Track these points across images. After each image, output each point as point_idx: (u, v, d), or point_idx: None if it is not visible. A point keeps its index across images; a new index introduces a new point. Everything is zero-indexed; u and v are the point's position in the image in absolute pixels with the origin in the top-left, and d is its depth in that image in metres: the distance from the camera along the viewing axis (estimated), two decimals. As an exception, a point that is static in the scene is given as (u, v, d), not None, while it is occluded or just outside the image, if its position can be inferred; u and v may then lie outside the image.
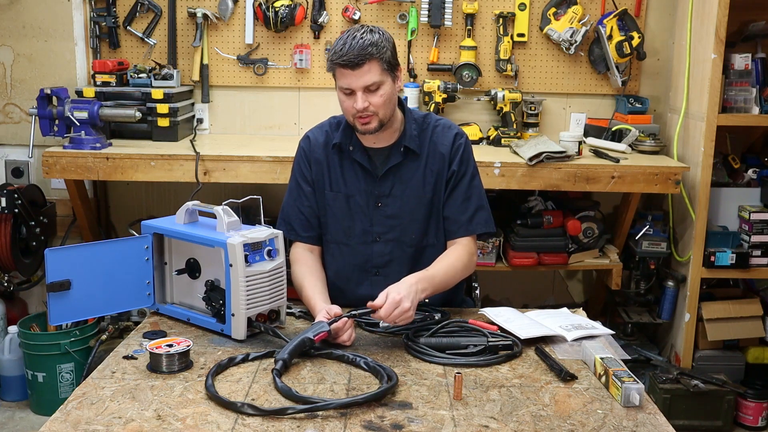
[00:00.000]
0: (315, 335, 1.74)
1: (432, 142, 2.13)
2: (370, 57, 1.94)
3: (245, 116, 3.57)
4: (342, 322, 1.82)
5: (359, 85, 1.96)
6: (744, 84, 3.14)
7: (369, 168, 2.11)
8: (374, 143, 2.12)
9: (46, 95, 3.08)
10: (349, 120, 2.06)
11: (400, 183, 2.12)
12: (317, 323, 1.80)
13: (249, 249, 1.80)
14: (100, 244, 1.94)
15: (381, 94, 1.99)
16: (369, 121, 2.01)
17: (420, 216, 2.13)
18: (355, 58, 1.93)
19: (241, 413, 1.49)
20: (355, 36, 1.95)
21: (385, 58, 1.97)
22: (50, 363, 3.17)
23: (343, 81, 1.98)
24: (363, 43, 1.94)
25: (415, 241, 2.14)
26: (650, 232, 3.32)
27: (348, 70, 1.95)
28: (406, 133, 2.11)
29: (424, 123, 2.16)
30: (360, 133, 2.06)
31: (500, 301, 3.65)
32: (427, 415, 1.50)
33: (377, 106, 1.99)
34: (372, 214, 2.13)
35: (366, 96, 1.97)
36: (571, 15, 3.36)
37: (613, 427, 1.48)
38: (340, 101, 2.04)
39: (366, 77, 1.95)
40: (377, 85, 1.98)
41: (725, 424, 3.10)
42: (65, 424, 1.45)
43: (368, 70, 1.95)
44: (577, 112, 3.56)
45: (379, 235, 2.13)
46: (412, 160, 2.12)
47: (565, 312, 2.09)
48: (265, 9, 3.36)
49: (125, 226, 3.46)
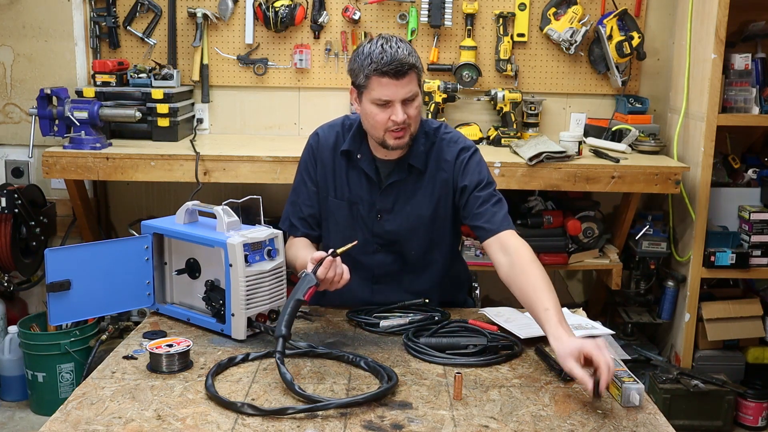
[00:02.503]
0: (304, 294, 1.70)
1: (438, 160, 2.05)
2: (413, 67, 1.89)
3: (245, 116, 3.57)
4: (328, 262, 1.75)
5: (401, 95, 1.89)
6: (744, 84, 3.14)
7: (374, 179, 2.07)
8: (385, 155, 2.04)
9: (46, 95, 3.08)
10: (377, 134, 1.95)
11: (402, 199, 2.07)
12: (302, 278, 1.74)
13: (249, 249, 1.80)
14: (100, 244, 1.94)
15: (416, 106, 1.93)
16: (402, 135, 1.93)
17: (420, 234, 2.09)
18: (402, 66, 1.85)
19: (241, 413, 1.49)
20: (391, 45, 1.87)
21: (421, 69, 1.93)
22: (50, 363, 3.17)
23: (381, 91, 1.88)
24: (404, 52, 1.87)
25: (415, 257, 2.11)
26: (650, 232, 3.32)
27: (391, 79, 1.86)
28: (413, 150, 2.03)
29: (435, 137, 2.07)
30: (390, 148, 1.97)
31: (500, 301, 3.64)
32: (427, 415, 1.50)
33: (412, 118, 1.92)
34: (373, 225, 2.10)
35: (404, 108, 1.90)
36: (571, 15, 3.36)
37: (613, 427, 1.48)
38: (371, 114, 1.92)
39: (408, 88, 1.89)
40: (414, 97, 1.91)
41: (725, 424, 3.10)
42: (65, 424, 1.45)
43: (409, 81, 1.89)
44: (577, 112, 3.56)
45: (380, 246, 2.11)
46: (416, 177, 2.06)
47: (565, 312, 2.09)
48: (265, 9, 3.36)
49: (125, 226, 3.46)
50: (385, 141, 1.95)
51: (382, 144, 1.97)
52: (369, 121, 1.95)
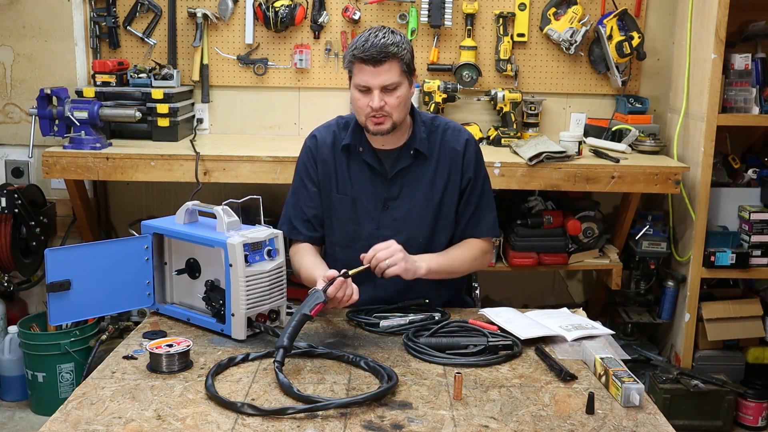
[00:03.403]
0: (311, 310, 1.71)
1: (442, 146, 2.12)
2: (392, 56, 1.94)
3: (245, 116, 3.57)
4: (339, 282, 1.78)
5: (378, 83, 1.95)
6: (744, 84, 3.14)
7: (379, 170, 2.10)
8: (383, 145, 2.10)
9: (46, 95, 3.08)
10: (361, 120, 2.04)
11: (408, 186, 2.11)
12: (312, 294, 1.77)
13: (249, 249, 1.80)
14: (100, 244, 1.94)
15: (398, 96, 1.98)
16: (382, 122, 1.99)
17: (427, 220, 2.12)
18: (378, 54, 1.93)
19: (241, 413, 1.49)
20: (377, 35, 1.95)
21: (405, 60, 1.98)
22: (50, 363, 3.18)
23: (360, 77, 1.97)
24: (386, 41, 1.94)
25: (422, 245, 2.12)
26: (650, 232, 3.32)
27: (368, 66, 1.94)
28: (415, 136, 2.10)
29: (433, 125, 2.14)
30: (371, 133, 2.04)
31: (500, 301, 3.65)
32: (427, 415, 1.50)
33: (392, 107, 1.98)
34: (379, 216, 2.12)
35: (382, 95, 1.96)
36: (571, 15, 3.36)
37: (613, 427, 1.48)
38: (354, 99, 2.01)
39: (385, 76, 1.95)
40: (395, 86, 1.97)
41: (725, 424, 3.10)
42: (65, 424, 1.45)
43: (388, 69, 1.95)
44: (577, 112, 3.56)
45: (385, 238, 2.10)
46: (421, 163, 2.11)
47: (565, 312, 2.09)
48: (265, 9, 3.36)
49: (125, 226, 3.46)
50: (367, 126, 2.03)
51: (365, 129, 2.05)
52: (353, 106, 2.04)
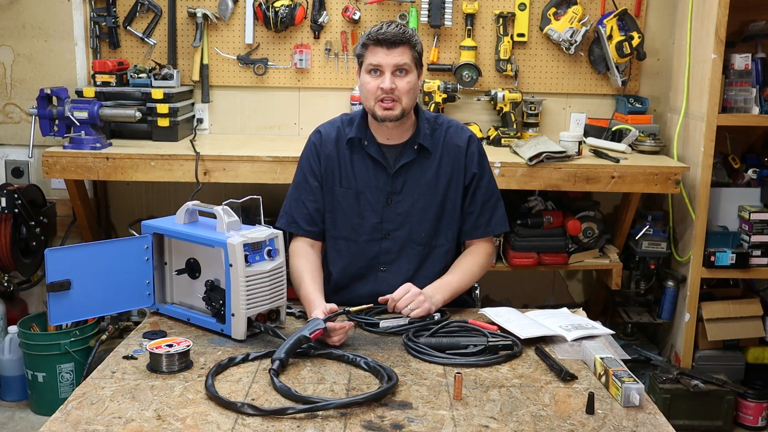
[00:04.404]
0: (311, 333, 1.74)
1: (446, 143, 2.15)
2: (406, 41, 2.01)
3: (245, 116, 3.57)
4: (339, 324, 1.81)
5: (390, 62, 2.00)
6: (744, 84, 3.14)
7: (383, 164, 2.12)
8: (387, 140, 2.13)
9: (46, 95, 3.08)
10: (369, 105, 2.06)
11: (412, 180, 2.13)
12: (313, 320, 1.79)
13: (249, 249, 1.80)
14: (100, 244, 1.94)
15: (408, 81, 2.02)
16: (392, 108, 2.03)
17: (430, 215, 2.14)
18: (393, 37, 1.99)
19: (241, 413, 1.49)
20: (391, 24, 2.02)
21: (417, 49, 2.05)
22: (50, 363, 3.18)
23: (373, 58, 2.01)
24: (401, 30, 2.01)
25: (425, 240, 2.15)
26: (650, 232, 3.32)
27: (383, 48, 2.00)
28: (419, 131, 2.13)
29: (436, 123, 2.18)
30: (379, 120, 2.05)
31: (500, 301, 3.65)
32: (427, 415, 1.50)
33: (402, 92, 2.02)
34: (382, 210, 2.14)
35: (394, 78, 2.00)
36: (571, 15, 3.36)
37: (613, 427, 1.48)
38: (364, 84, 2.05)
39: (399, 58, 2.00)
40: (406, 71, 2.02)
41: (725, 424, 3.10)
42: (65, 424, 1.45)
43: (402, 52, 2.01)
44: (577, 112, 3.56)
45: (388, 231, 2.15)
46: (425, 159, 2.14)
47: (565, 312, 2.09)
48: (265, 9, 3.36)
49: (125, 226, 3.46)
50: (375, 111, 2.05)
51: (373, 115, 2.06)
52: (362, 92, 2.07)
